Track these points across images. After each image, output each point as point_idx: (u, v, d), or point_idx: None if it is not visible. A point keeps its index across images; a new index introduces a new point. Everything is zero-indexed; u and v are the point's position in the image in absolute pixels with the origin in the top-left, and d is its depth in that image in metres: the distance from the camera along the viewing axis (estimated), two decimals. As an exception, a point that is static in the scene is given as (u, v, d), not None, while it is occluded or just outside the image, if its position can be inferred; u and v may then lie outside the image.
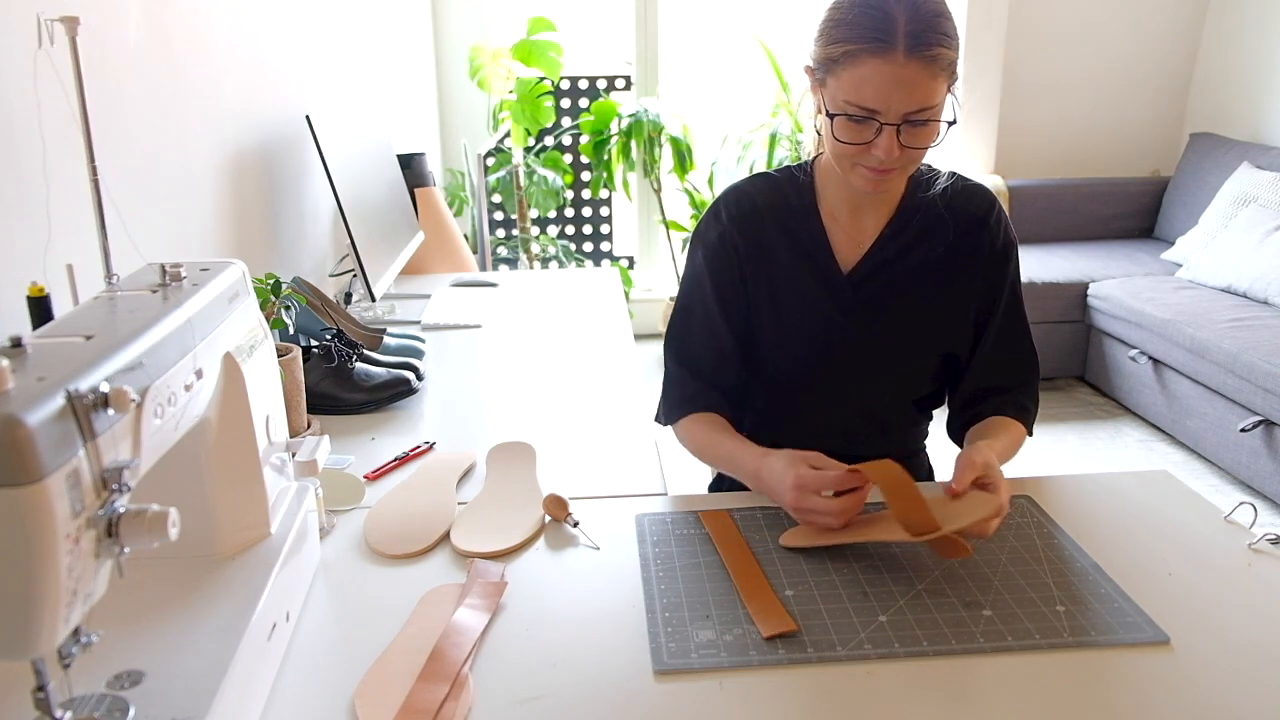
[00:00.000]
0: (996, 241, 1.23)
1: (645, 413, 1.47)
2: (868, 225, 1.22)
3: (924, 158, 1.12)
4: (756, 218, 1.23)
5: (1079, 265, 3.63)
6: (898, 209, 1.22)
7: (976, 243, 1.22)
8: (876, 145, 1.06)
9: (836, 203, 1.22)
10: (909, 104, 1.04)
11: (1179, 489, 1.17)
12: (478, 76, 3.67)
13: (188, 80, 1.47)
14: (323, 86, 2.19)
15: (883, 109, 1.04)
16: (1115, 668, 0.84)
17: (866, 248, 1.22)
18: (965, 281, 1.22)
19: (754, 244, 1.23)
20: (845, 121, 1.07)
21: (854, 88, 1.04)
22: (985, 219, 1.23)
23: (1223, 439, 2.88)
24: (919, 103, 1.04)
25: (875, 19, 1.02)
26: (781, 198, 1.24)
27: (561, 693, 0.82)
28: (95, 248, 0.86)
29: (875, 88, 1.03)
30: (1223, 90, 3.98)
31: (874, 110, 1.05)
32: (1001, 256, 1.23)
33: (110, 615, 0.78)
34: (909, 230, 1.21)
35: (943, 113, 1.08)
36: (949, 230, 1.21)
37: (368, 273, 1.81)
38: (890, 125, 1.05)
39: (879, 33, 1.02)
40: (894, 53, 1.01)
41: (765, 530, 1.07)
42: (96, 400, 0.59)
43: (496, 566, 1.01)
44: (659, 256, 4.29)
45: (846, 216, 1.22)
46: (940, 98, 1.06)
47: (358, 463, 1.29)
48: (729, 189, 1.27)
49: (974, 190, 1.24)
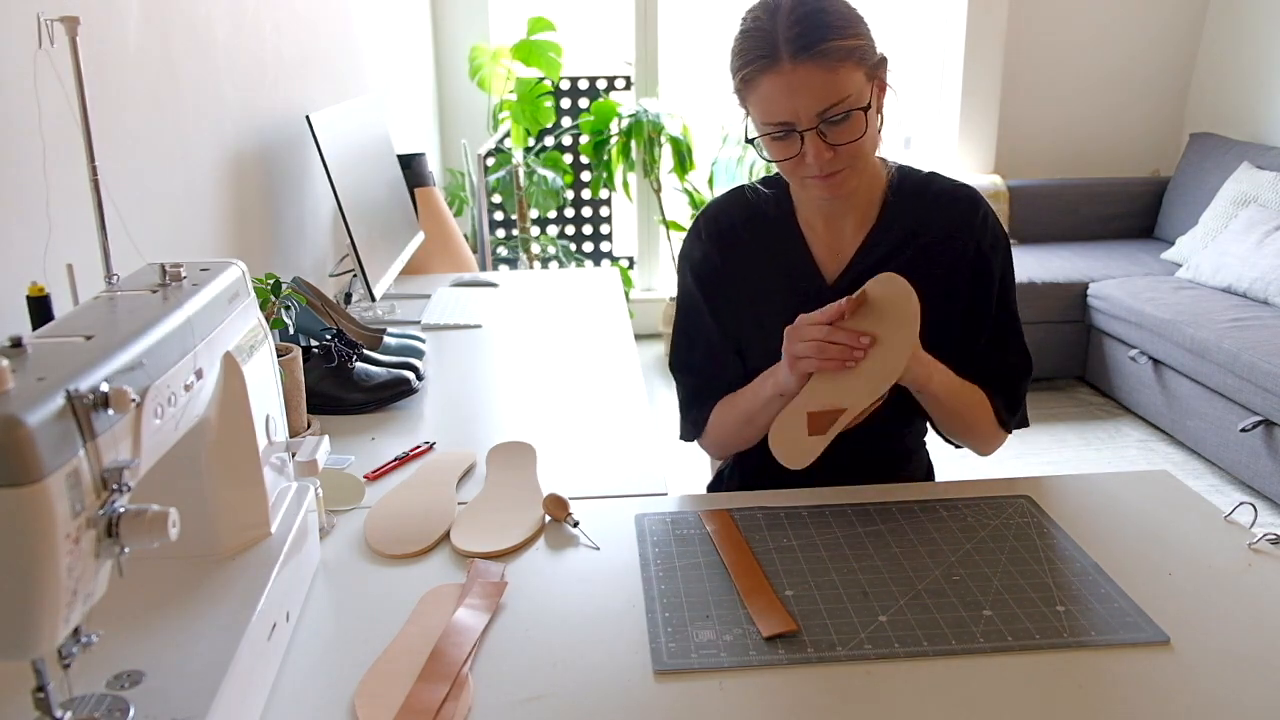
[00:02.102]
0: (983, 242, 1.21)
1: (645, 413, 1.47)
2: (847, 233, 1.22)
3: (868, 150, 1.11)
4: (734, 235, 1.25)
5: (1079, 265, 3.63)
6: (878, 215, 1.21)
7: (962, 245, 1.20)
8: (805, 154, 1.07)
9: (811, 213, 1.22)
10: (815, 104, 1.04)
11: (1179, 489, 1.17)
12: (478, 76, 3.67)
13: (188, 80, 1.47)
14: (323, 86, 2.19)
15: (792, 118, 1.06)
16: (1115, 668, 0.84)
17: (849, 256, 1.21)
18: (952, 284, 1.21)
19: (734, 261, 1.24)
20: (770, 142, 1.10)
21: (763, 108, 1.08)
22: (969, 220, 1.21)
23: (1223, 439, 2.88)
24: (825, 101, 1.04)
25: (757, 38, 1.05)
26: (759, 212, 1.25)
27: (561, 693, 0.82)
28: (95, 248, 0.86)
29: (776, 101, 1.05)
30: (1223, 90, 3.98)
31: (787, 122, 1.06)
32: (988, 256, 1.21)
33: (110, 615, 0.78)
34: (891, 236, 1.20)
35: (867, 98, 1.07)
36: (931, 234, 1.20)
37: (368, 273, 1.81)
38: (809, 130, 1.06)
39: (762, 49, 1.05)
40: (780, 63, 1.03)
41: (765, 530, 1.07)
42: (96, 400, 0.59)
43: (496, 566, 1.01)
44: (659, 256, 4.29)
45: (822, 226, 1.22)
46: (853, 88, 1.05)
47: (358, 463, 1.29)
48: (708, 206, 1.29)
49: (956, 192, 1.22)
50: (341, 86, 2.36)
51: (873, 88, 1.09)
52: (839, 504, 1.13)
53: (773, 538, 1.06)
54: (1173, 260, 3.66)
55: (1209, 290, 3.29)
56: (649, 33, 3.98)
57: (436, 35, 3.85)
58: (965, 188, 1.23)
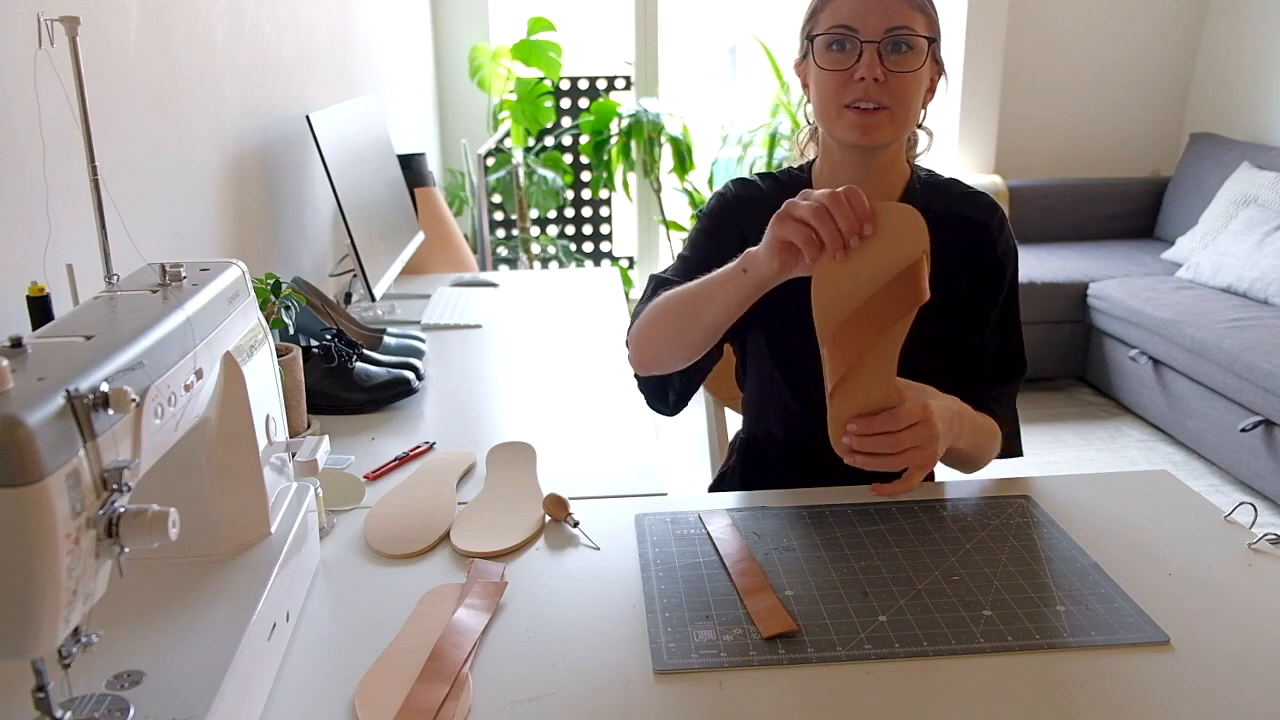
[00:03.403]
0: (997, 248, 1.22)
1: (645, 413, 1.47)
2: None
3: (912, 106, 1.11)
4: (760, 204, 1.22)
5: (1079, 265, 3.63)
6: None
7: (978, 249, 1.22)
8: (859, 68, 1.07)
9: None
10: (886, 20, 1.06)
11: (1179, 489, 1.17)
12: (478, 76, 3.67)
13: (188, 80, 1.47)
14: (323, 86, 2.19)
15: (860, 25, 1.07)
16: (1115, 668, 0.84)
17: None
18: (962, 286, 1.21)
19: (751, 219, 1.19)
20: (826, 52, 1.10)
21: (833, 15, 1.09)
22: (987, 224, 1.22)
23: (1223, 439, 2.88)
24: (896, 20, 1.06)
25: None
26: (783, 194, 1.23)
27: (561, 693, 0.82)
28: (95, 248, 0.86)
29: (851, 6, 1.07)
30: (1223, 90, 3.98)
31: (852, 28, 1.07)
32: (1000, 264, 1.22)
33: (110, 615, 0.78)
34: None
35: (926, 52, 1.09)
36: (951, 235, 1.20)
37: (368, 273, 1.81)
38: (870, 43, 1.07)
39: None
40: None
41: (765, 530, 1.07)
42: (96, 400, 0.59)
43: (496, 566, 1.01)
44: (659, 256, 4.29)
45: None
46: (919, 29, 1.08)
47: (358, 463, 1.29)
48: (737, 177, 1.28)
49: (977, 197, 1.24)
50: (341, 86, 2.36)
51: (930, 53, 1.11)
52: (839, 504, 1.13)
53: (773, 538, 1.06)
54: (1173, 260, 3.66)
55: (1209, 290, 3.29)
56: (649, 33, 3.98)
57: (436, 35, 3.85)
58: (986, 195, 1.25)
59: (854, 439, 0.99)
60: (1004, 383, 1.25)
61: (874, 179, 1.19)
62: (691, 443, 3.21)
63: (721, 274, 1.04)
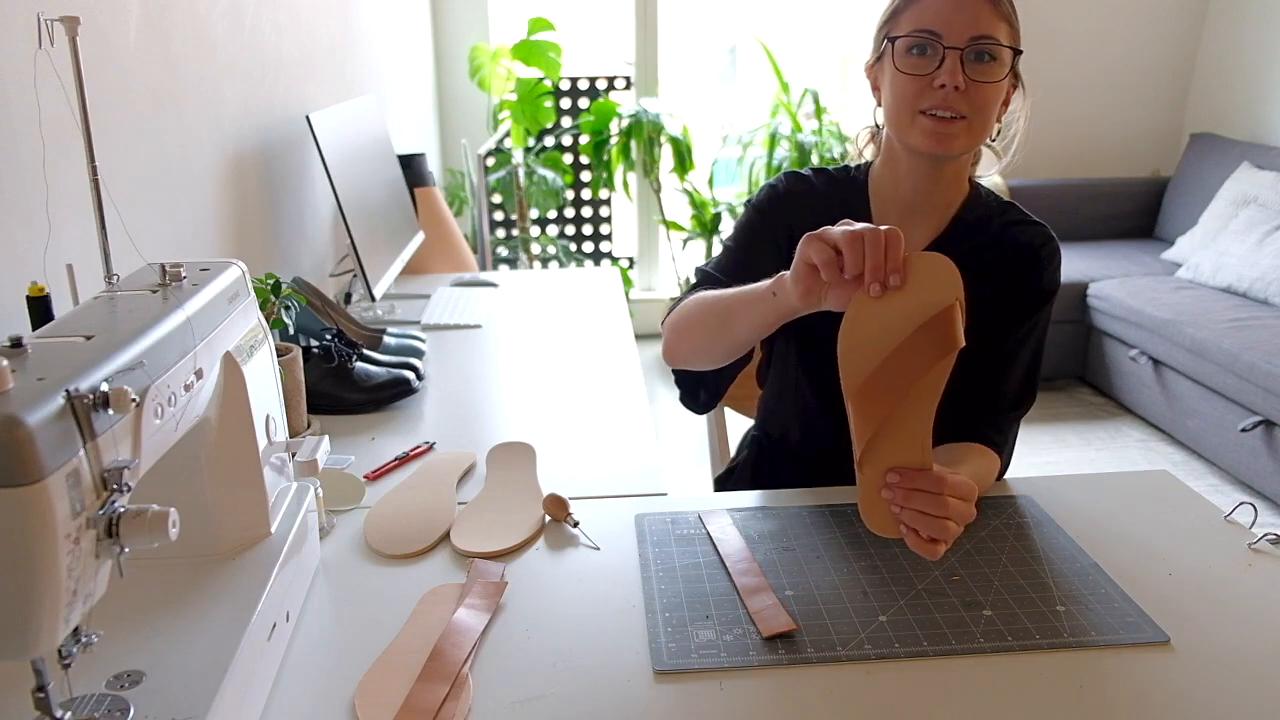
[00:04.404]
0: (1043, 280, 1.19)
1: (645, 413, 1.47)
2: (916, 236, 1.18)
3: (989, 117, 1.09)
4: (811, 200, 1.21)
5: (1079, 265, 3.63)
6: (950, 222, 1.19)
7: (1025, 276, 1.18)
8: (940, 74, 1.05)
9: (887, 207, 1.19)
10: (971, 28, 1.04)
11: (1179, 489, 1.17)
12: (478, 76, 3.67)
13: (188, 80, 1.47)
14: (323, 86, 2.19)
15: (944, 30, 1.05)
16: (1115, 668, 0.84)
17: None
18: (1003, 310, 1.18)
19: (800, 213, 1.17)
20: (906, 55, 1.07)
21: (915, 18, 1.06)
22: (1039, 253, 1.18)
23: (1223, 439, 2.88)
24: (981, 29, 1.04)
25: None
26: (837, 193, 1.22)
27: (561, 693, 0.82)
28: (95, 248, 0.86)
29: (936, 10, 1.05)
30: (1223, 90, 3.98)
31: (936, 32, 1.05)
32: (1043, 296, 1.19)
33: (110, 615, 0.78)
34: (958, 246, 1.14)
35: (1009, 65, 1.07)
36: (999, 256, 1.18)
37: (368, 273, 1.81)
38: (954, 49, 1.04)
39: None
40: None
41: (766, 530, 1.07)
42: (96, 400, 0.59)
43: (496, 566, 1.01)
44: (659, 256, 4.29)
45: (896, 222, 1.14)
46: (1004, 40, 1.06)
47: (358, 463, 1.29)
48: (790, 170, 1.26)
49: (1035, 226, 1.21)
50: (341, 86, 2.36)
51: (1011, 66, 1.09)
52: (839, 504, 1.13)
53: (773, 538, 1.06)
54: (1173, 260, 3.66)
55: (1209, 290, 3.29)
56: (649, 33, 3.98)
57: (436, 35, 3.85)
58: (1043, 225, 1.21)
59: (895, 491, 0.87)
60: (1012, 410, 1.23)
61: (936, 189, 1.17)
62: (691, 443, 3.21)
63: (754, 292, 1.01)
